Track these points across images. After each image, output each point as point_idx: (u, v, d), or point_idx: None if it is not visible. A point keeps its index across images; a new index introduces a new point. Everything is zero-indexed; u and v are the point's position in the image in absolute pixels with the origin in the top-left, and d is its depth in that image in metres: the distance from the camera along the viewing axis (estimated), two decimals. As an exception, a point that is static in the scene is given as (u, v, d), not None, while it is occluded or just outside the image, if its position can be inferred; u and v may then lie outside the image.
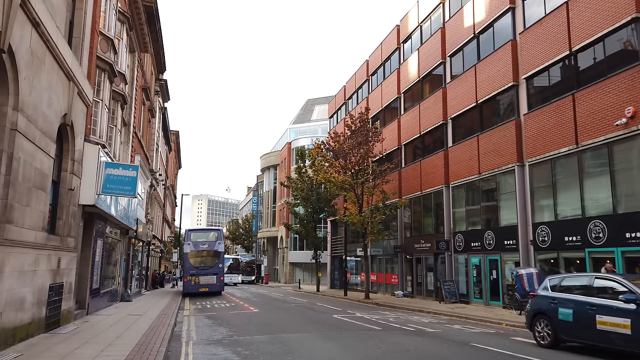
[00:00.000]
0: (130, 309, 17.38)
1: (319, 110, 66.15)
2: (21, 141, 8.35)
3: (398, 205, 26.09)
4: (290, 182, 38.78)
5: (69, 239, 11.81)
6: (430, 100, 25.45)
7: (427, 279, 25.05)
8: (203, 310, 18.47)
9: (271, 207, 69.23)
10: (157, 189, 36.34)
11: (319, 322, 14.08)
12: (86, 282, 14.29)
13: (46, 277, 10.05)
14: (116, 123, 16.96)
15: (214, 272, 27.89)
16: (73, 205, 12.12)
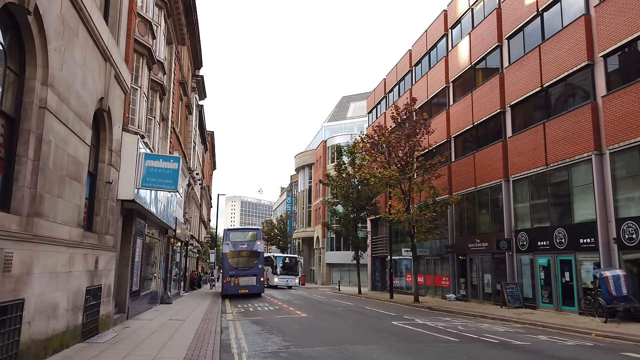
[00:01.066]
0: (171, 312, 16.34)
1: (355, 107, 64.53)
2: (52, 122, 7.21)
3: (449, 201, 24.22)
4: (329, 180, 37.34)
5: (107, 237, 10.74)
6: (485, 87, 23.47)
7: (483, 281, 23.07)
8: (247, 314, 17.25)
9: (306, 207, 68.10)
10: (194, 188, 35.67)
11: (380, 330, 12.54)
12: (126, 283, 13.26)
13: (82, 279, 8.94)
14: (155, 115, 15.96)
15: (253, 273, 27.08)
16: (111, 200, 11.05)
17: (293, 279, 42.07)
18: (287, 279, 41.25)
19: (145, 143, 12.83)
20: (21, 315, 6.33)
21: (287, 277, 41.37)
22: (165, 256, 22.26)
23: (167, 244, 22.57)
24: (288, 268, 42.05)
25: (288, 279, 41.41)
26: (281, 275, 40.91)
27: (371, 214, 35.76)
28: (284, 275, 41.17)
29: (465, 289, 24.58)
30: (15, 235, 6.14)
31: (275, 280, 40.61)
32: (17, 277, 6.19)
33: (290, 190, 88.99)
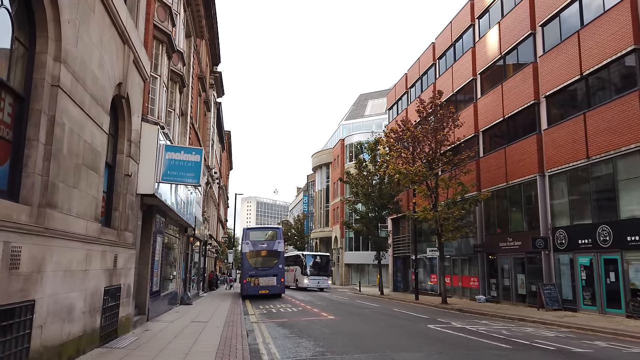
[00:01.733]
0: (192, 314, 15.62)
1: (373, 105, 63.52)
2: (66, 103, 6.48)
3: (479, 198, 23.11)
4: (350, 178, 36.43)
5: (126, 234, 10.02)
6: (517, 78, 22.32)
7: (515, 282, 21.90)
8: (270, 316, 16.46)
9: (324, 207, 67.26)
10: (212, 187, 35.11)
11: (418, 334, 11.60)
12: (146, 283, 12.57)
13: (100, 278, 8.21)
14: (174, 107, 15.28)
15: (273, 273, 26.33)
16: (130, 195, 10.34)
17: (325, 280, 37.75)
18: (318, 280, 37.15)
19: (165, 134, 12.11)
20: (31, 319, 5.58)
21: (319, 277, 37.25)
22: (185, 255, 21.63)
23: (186, 243, 21.94)
24: (319, 268, 37.77)
25: (319, 280, 37.23)
26: (312, 276, 37.03)
27: (393, 212, 34.74)
28: (315, 276, 37.11)
29: (496, 290, 23.43)
30: (24, 227, 5.39)
31: (305, 282, 36.93)
32: (27, 276, 5.44)
33: (306, 190, 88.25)
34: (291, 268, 39.89)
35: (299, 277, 38.24)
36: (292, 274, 39.83)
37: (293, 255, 42.35)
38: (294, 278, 39.38)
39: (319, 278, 37.30)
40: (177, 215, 15.74)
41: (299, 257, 39.73)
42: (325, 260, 39.02)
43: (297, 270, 38.95)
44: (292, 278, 39.46)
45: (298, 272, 38.60)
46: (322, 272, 37.87)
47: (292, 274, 39.72)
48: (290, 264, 40.23)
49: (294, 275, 39.42)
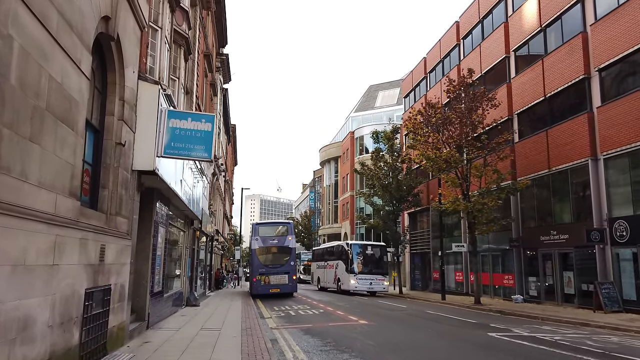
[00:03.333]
0: (201, 318, 13.36)
1: (383, 96, 61.15)
2: (16, 7, 4.19)
3: (517, 187, 20.74)
4: (365, 170, 34.08)
5: (118, 220, 7.76)
6: (561, 51, 19.91)
7: (561, 279, 19.52)
8: (290, 320, 14.18)
9: (332, 203, 64.99)
10: (219, 179, 32.87)
11: (489, 348, 9.28)
12: (145, 283, 10.31)
13: (79, 276, 5.93)
14: (178, 76, 12.99)
15: (285, 270, 24.76)
16: (124, 170, 8.06)
17: (380, 281, 27.66)
18: (370, 280, 27.40)
19: (168, 97, 9.79)
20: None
21: (371, 277, 27.47)
22: (191, 251, 19.38)
23: (192, 237, 19.69)
24: (372, 263, 28.12)
25: (372, 281, 27.43)
26: (361, 274, 27.38)
27: (412, 205, 32.34)
28: (366, 275, 27.43)
29: (536, 289, 21.06)
30: None
31: (352, 283, 27.15)
32: None
33: (313, 186, 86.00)
34: (330, 264, 31.51)
35: (342, 275, 28.73)
36: (331, 271, 30.94)
37: (333, 247, 33.06)
38: (334, 277, 30.26)
39: (371, 278, 27.48)
40: (182, 204, 13.46)
41: (341, 249, 29.76)
42: (380, 253, 28.94)
43: (338, 267, 29.58)
44: (332, 277, 30.67)
45: (341, 270, 29.05)
46: (376, 269, 28.02)
47: (331, 272, 31.00)
48: (329, 258, 32.14)
49: (335, 274, 30.15)
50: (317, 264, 36.74)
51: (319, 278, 35.12)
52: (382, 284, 27.84)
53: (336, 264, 30.14)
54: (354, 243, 29.68)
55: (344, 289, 28.12)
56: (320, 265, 34.97)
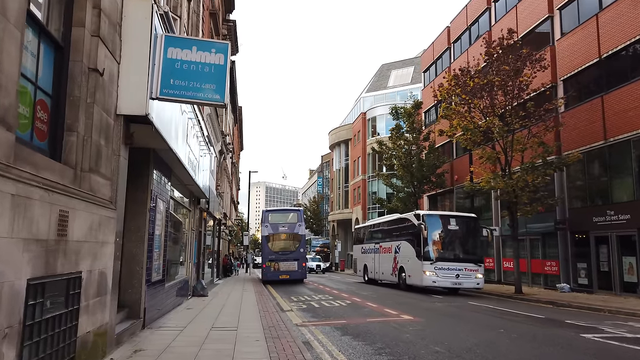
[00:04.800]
0: (211, 312, 11.07)
1: (396, 76, 58.28)
2: None
3: (566, 161, 18.23)
4: (383, 149, 31.62)
5: (95, 180, 5.39)
6: (621, 4, 17.21)
7: (620, 266, 17.07)
8: (315, 314, 11.89)
9: (342, 187, 62.59)
10: (226, 159, 30.52)
11: (599, 356, 6.92)
12: (140, 269, 8.00)
13: (9, 258, 3.55)
14: (180, 14, 10.50)
15: (295, 257, 24.76)
16: (103, 111, 5.68)
17: (471, 273, 18.42)
18: (456, 270, 18.14)
19: (164, 17, 7.31)
20: None
21: (458, 266, 18.24)
22: (198, 235, 17.09)
23: (199, 219, 17.39)
24: (458, 244, 19.15)
25: (460, 272, 18.17)
26: (442, 261, 18.23)
27: (435, 187, 29.87)
28: (451, 263, 18.26)
29: (587, 276, 18.64)
30: None
31: (428, 276, 18.15)
32: None
33: (321, 171, 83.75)
34: (385, 246, 22.92)
35: (408, 263, 19.76)
36: (388, 257, 22.18)
37: (391, 221, 23.49)
38: (392, 266, 21.40)
39: (457, 267, 18.17)
40: (187, 175, 11.09)
41: (407, 224, 20.39)
42: (472, 228, 19.27)
43: (401, 250, 20.60)
44: (389, 266, 21.86)
45: (406, 254, 19.99)
46: (467, 255, 18.73)
47: (387, 259, 22.17)
48: (385, 237, 23.52)
49: (394, 261, 21.29)
50: (362, 247, 27.54)
51: (365, 267, 26.39)
52: (474, 276, 18.24)
53: (397, 247, 21.17)
54: (429, 213, 20.15)
55: (412, 284, 19.35)
56: (369, 248, 25.91)
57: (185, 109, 9.78)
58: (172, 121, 8.33)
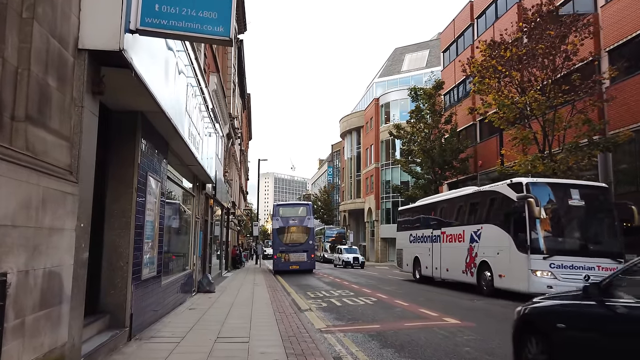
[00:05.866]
0: (217, 313, 9.34)
1: (410, 59, 56.01)
2: None
3: (617, 140, 16.21)
4: (401, 133, 29.67)
5: (36, 134, 3.59)
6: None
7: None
8: (340, 315, 10.13)
9: (354, 176, 60.79)
10: (234, 145, 28.76)
11: None
12: (125, 265, 6.25)
13: None
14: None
15: (304, 249, 25.94)
16: (55, 39, 3.86)
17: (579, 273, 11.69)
18: (585, 270, 11.62)
19: None
20: None
21: (589, 262, 11.72)
22: (204, 224, 15.37)
23: (205, 206, 15.66)
24: (586, 231, 12.96)
25: (591, 273, 11.46)
26: (562, 256, 11.90)
27: (458, 173, 27.89)
28: (578, 259, 11.83)
29: None
30: None
31: (538, 277, 11.88)
32: None
33: (331, 160, 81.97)
34: (453, 233, 16.48)
35: (502, 259, 13.29)
36: (458, 249, 15.70)
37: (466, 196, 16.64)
38: (469, 260, 15.03)
39: (589, 265, 11.74)
40: (187, 150, 9.30)
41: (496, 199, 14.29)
42: (602, 202, 13.17)
43: (485, 238, 14.35)
44: (460, 261, 15.51)
45: (496, 243, 13.70)
46: (600, 247, 12.55)
47: (458, 251, 15.67)
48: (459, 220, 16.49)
49: (472, 254, 14.94)
50: (411, 234, 20.58)
51: (417, 260, 19.60)
52: None
53: (474, 233, 14.77)
54: (536, 181, 13.21)
55: (504, 287, 13.08)
56: (423, 236, 19.14)
57: (182, 68, 7.97)
58: (164, 76, 6.52)
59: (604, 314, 3.91)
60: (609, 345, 3.78)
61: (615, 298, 3.90)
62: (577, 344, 4.12)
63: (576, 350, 4.10)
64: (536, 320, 4.71)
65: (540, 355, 4.38)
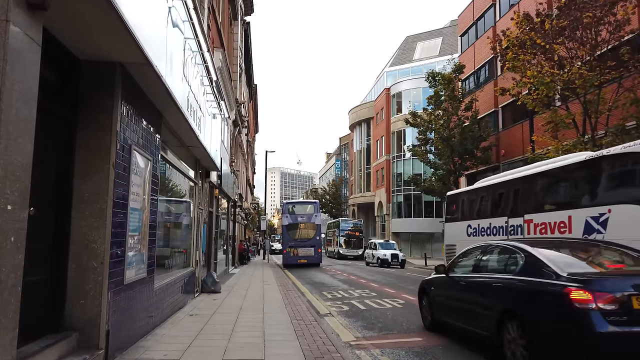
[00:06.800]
0: (223, 322, 7.75)
1: (423, 48, 54.05)
2: None
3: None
4: (417, 121, 27.91)
5: None
6: None
7: None
8: (368, 323, 8.55)
9: (364, 169, 59.09)
10: (241, 134, 27.17)
11: None
12: (100, 266, 4.66)
13: None
14: None
15: (311, 244, 27.54)
16: None
17: None
18: None
19: None
20: None
21: None
22: (208, 216, 13.79)
23: (210, 196, 14.08)
24: None
25: None
26: None
27: (479, 163, 26.12)
28: None
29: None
30: None
31: None
32: None
33: (339, 153, 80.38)
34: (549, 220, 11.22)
35: None
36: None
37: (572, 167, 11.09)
38: None
39: None
40: (185, 125, 7.68)
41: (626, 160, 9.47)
42: None
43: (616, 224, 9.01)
44: None
45: None
46: None
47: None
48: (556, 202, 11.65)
49: None
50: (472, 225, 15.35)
51: None
52: None
53: (593, 220, 9.89)
54: None
55: None
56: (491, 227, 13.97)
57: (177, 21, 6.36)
58: (149, 16, 4.90)
59: (447, 281, 7.26)
60: (451, 296, 7.10)
61: (452, 273, 7.24)
62: (439, 296, 7.50)
63: (439, 300, 7.45)
64: (425, 287, 8.13)
65: (427, 304, 7.82)
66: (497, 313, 5.49)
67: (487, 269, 6.50)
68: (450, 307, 7.04)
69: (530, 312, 5.07)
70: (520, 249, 5.82)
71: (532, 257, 5.48)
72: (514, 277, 5.54)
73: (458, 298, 6.82)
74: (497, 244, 6.78)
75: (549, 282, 4.93)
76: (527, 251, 5.65)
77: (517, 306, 5.26)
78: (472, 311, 6.23)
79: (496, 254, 6.59)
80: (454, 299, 6.92)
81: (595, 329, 4.28)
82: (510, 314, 5.29)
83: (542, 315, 4.92)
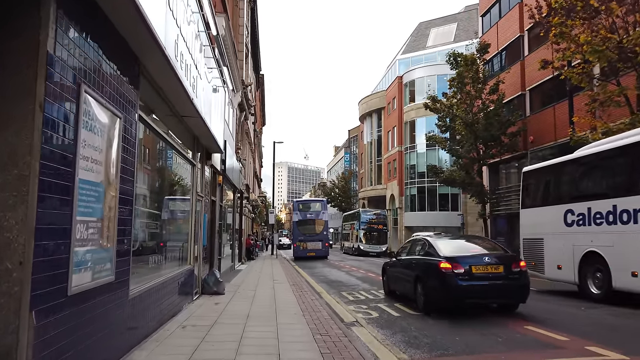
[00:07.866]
0: (225, 338, 5.90)
1: (436, 34, 51.75)
2: None
3: None
4: (437, 106, 25.86)
5: None
6: None
7: None
8: (408, 336, 6.72)
9: (375, 161, 57.03)
10: (247, 120, 25.31)
11: None
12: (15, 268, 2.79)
13: None
14: None
15: (319, 238, 29.81)
16: None
17: None
18: None
19: None
20: None
21: None
22: (210, 205, 11.93)
23: (212, 182, 12.18)
24: None
25: None
26: None
27: (506, 150, 24.01)
28: None
29: None
30: None
31: None
32: None
33: (348, 146, 78.38)
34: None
35: None
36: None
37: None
38: None
39: None
40: (173, 79, 5.79)
41: None
42: None
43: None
44: None
45: None
46: None
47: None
48: None
49: None
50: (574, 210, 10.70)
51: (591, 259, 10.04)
52: None
53: None
54: None
55: None
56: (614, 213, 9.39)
57: None
58: None
59: (396, 262, 10.68)
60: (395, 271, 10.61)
61: (400, 256, 10.67)
62: (391, 273, 10.97)
63: (391, 276, 10.95)
64: (385, 267, 11.58)
65: (386, 279, 11.36)
66: (413, 278, 9.10)
67: (414, 253, 9.92)
68: (395, 279, 10.63)
69: (426, 276, 8.65)
70: (426, 241, 9.52)
71: (430, 246, 9.08)
72: (421, 257, 9.31)
73: (398, 272, 10.38)
74: (420, 238, 10.52)
75: (434, 259, 8.49)
76: (429, 242, 9.31)
77: (421, 273, 8.85)
78: (402, 279, 9.91)
79: (417, 244, 10.08)
80: (397, 273, 10.45)
81: (453, 283, 7.91)
82: (418, 278, 8.87)
83: (430, 277, 8.51)
